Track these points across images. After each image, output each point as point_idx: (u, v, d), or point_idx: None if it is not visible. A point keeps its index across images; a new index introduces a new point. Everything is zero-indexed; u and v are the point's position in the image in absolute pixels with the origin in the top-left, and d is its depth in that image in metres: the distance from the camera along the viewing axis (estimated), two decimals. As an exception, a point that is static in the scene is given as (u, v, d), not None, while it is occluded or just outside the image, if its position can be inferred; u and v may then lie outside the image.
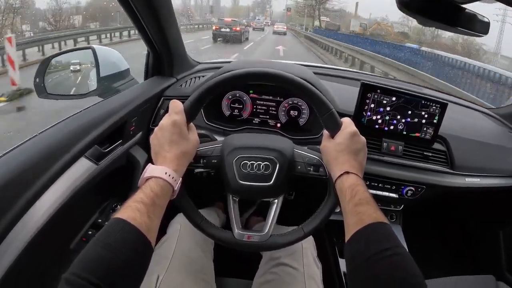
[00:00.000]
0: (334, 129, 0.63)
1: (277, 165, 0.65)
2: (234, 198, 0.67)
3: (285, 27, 30.49)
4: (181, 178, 0.57)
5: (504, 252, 1.16)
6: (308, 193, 0.99)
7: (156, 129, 0.60)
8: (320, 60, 12.30)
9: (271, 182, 0.65)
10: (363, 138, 0.64)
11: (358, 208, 0.53)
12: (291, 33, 30.27)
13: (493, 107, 1.27)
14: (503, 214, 1.18)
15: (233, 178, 0.64)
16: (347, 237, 0.52)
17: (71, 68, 1.12)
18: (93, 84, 1.00)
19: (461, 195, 1.03)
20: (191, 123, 0.63)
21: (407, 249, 1.05)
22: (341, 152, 0.61)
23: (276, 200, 0.68)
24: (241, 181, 0.64)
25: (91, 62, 1.04)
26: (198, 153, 0.65)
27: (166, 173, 0.54)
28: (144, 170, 0.55)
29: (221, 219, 1.15)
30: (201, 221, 0.66)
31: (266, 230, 0.65)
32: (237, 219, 0.67)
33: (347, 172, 0.58)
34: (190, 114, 0.61)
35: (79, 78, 1.13)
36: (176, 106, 0.61)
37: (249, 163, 0.65)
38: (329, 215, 0.66)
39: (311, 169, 0.67)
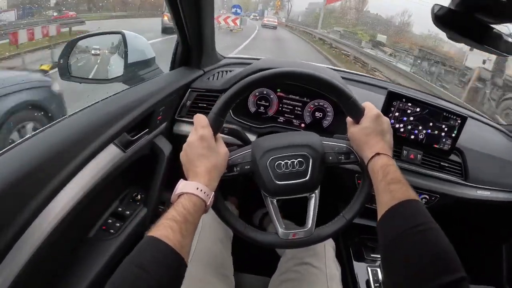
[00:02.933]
0: (358, 114, 0.65)
1: (310, 160, 0.66)
2: (272, 199, 0.67)
3: (276, 21, 26.03)
4: (213, 192, 0.57)
5: (506, 265, 1.20)
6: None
7: (184, 146, 0.60)
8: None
9: (307, 178, 0.65)
10: (386, 119, 0.66)
11: (390, 186, 0.54)
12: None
13: (506, 123, 1.31)
14: (508, 228, 1.21)
15: (270, 180, 0.65)
16: (380, 214, 0.53)
17: (92, 52, 1.11)
18: (116, 69, 0.99)
19: (470, 207, 1.05)
20: (218, 135, 0.63)
21: None
22: (369, 136, 0.63)
23: (313, 194, 0.68)
24: (278, 182, 0.64)
25: (108, 47, 1.03)
26: (230, 162, 0.65)
27: (198, 189, 0.54)
28: (176, 186, 0.55)
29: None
30: (245, 228, 0.66)
31: (310, 225, 0.66)
32: (279, 220, 0.66)
33: (378, 154, 0.60)
34: (216, 126, 0.62)
35: (98, 61, 1.12)
36: (201, 121, 0.61)
37: (282, 162, 0.65)
38: (367, 199, 0.67)
39: (342, 157, 0.67)
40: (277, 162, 0.65)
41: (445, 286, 0.41)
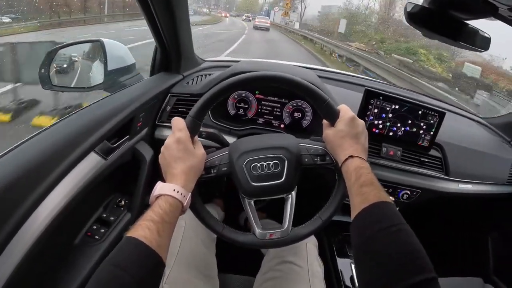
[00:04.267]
0: (333, 117, 0.67)
1: (286, 162, 0.67)
2: (249, 200, 0.68)
3: (268, 22, 23.05)
4: (190, 193, 0.59)
5: (492, 256, 1.21)
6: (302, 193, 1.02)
7: (162, 148, 0.62)
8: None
9: (282, 179, 0.66)
10: (361, 121, 0.67)
11: (363, 188, 0.56)
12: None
13: (487, 116, 1.32)
14: (492, 219, 1.23)
15: (246, 181, 0.66)
16: (352, 216, 0.55)
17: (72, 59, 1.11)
18: (97, 77, 0.99)
19: (453, 200, 1.07)
20: (196, 137, 0.65)
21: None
22: (343, 138, 0.64)
23: (290, 196, 0.69)
24: (254, 183, 0.66)
25: (81, 55, 1.03)
26: (208, 164, 0.66)
27: (174, 190, 0.55)
28: (154, 188, 0.57)
29: (220, 216, 1.16)
30: (223, 228, 0.67)
31: (286, 225, 0.67)
32: (256, 220, 0.68)
33: (352, 156, 0.61)
34: (193, 129, 0.63)
35: (79, 69, 1.12)
36: (178, 124, 0.63)
37: (258, 164, 0.66)
38: (342, 200, 0.68)
39: (318, 159, 0.69)
40: (253, 164, 0.66)
41: (415, 286, 0.42)
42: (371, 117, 0.94)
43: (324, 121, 0.69)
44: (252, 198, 0.68)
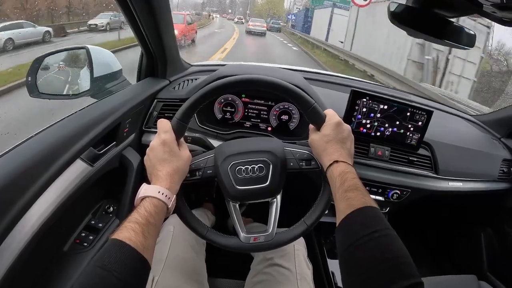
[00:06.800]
0: (319, 122, 0.66)
1: (271, 166, 0.67)
2: (234, 204, 0.68)
3: (265, 25, 21.18)
4: (175, 195, 0.59)
5: (485, 253, 1.21)
6: (293, 195, 1.01)
7: (147, 150, 0.62)
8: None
9: (267, 183, 0.66)
10: (347, 126, 0.67)
11: (347, 194, 0.55)
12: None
13: (476, 114, 1.32)
14: (484, 216, 1.23)
15: (231, 185, 0.66)
16: (338, 221, 0.54)
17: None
18: (84, 84, 0.99)
19: (444, 199, 1.07)
20: (181, 139, 0.65)
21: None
22: (328, 143, 0.64)
23: (275, 200, 0.69)
24: (238, 187, 0.66)
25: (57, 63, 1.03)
26: (193, 166, 0.66)
27: (159, 192, 0.55)
28: (139, 190, 0.56)
29: (210, 220, 1.16)
30: (207, 231, 0.67)
31: (271, 230, 0.67)
32: (241, 224, 0.68)
33: (337, 161, 0.61)
34: (179, 131, 0.63)
35: (69, 76, 1.11)
36: (164, 126, 0.63)
37: (243, 168, 0.66)
38: (327, 205, 0.68)
39: (303, 163, 0.69)
40: (238, 167, 0.66)
41: None
42: (359, 116, 0.94)
43: (310, 126, 0.69)
44: (237, 202, 0.68)
